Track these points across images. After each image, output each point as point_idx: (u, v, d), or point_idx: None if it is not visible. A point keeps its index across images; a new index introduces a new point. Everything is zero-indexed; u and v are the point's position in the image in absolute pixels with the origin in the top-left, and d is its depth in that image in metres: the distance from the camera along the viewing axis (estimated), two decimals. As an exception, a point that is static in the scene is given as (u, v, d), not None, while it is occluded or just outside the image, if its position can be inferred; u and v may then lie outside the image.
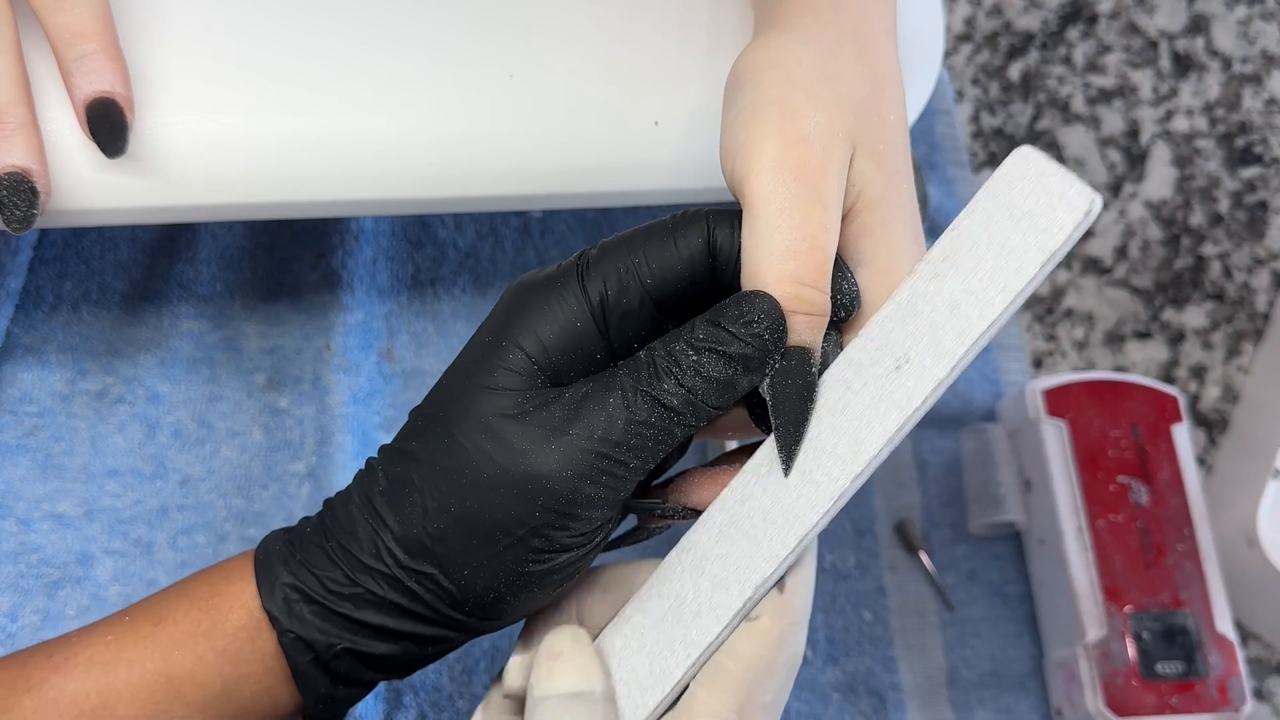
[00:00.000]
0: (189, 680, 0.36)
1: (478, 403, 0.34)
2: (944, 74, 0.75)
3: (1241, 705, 0.56)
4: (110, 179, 0.43)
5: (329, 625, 0.36)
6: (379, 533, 0.35)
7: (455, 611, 0.35)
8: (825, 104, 0.36)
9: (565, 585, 0.36)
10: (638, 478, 0.34)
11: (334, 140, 0.45)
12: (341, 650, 0.36)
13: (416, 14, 0.47)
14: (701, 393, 0.34)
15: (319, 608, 0.36)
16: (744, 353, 0.34)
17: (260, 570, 0.37)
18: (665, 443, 0.34)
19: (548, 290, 0.35)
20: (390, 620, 0.36)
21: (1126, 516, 0.59)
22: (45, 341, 0.54)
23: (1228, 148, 0.78)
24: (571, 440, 0.33)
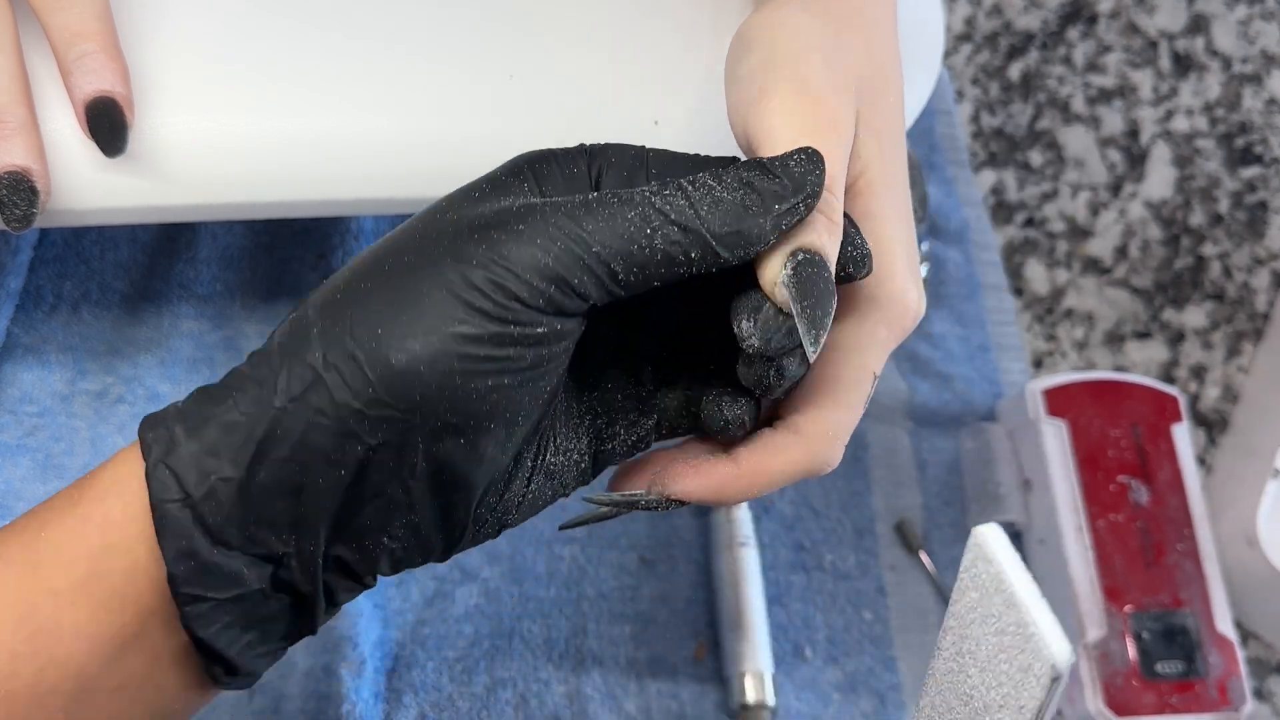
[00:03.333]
0: (54, 563, 0.31)
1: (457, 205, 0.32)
2: (944, 74, 0.75)
3: (1241, 705, 0.56)
4: (110, 178, 0.43)
5: (204, 448, 0.30)
6: (298, 319, 0.31)
7: (355, 398, 0.30)
8: (835, 69, 0.36)
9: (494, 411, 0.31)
10: (599, 284, 0.31)
11: (334, 140, 0.45)
12: (216, 483, 0.30)
13: (416, 14, 0.47)
14: (706, 210, 0.31)
15: (200, 425, 0.31)
16: (772, 187, 0.31)
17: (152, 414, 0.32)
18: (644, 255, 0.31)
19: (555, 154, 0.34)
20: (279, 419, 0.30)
21: (1126, 516, 0.59)
22: (45, 341, 0.54)
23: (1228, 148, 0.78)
24: (545, 212, 0.31)
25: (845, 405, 0.36)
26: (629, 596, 0.56)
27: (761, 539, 0.58)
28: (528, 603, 0.55)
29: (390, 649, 0.52)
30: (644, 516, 0.57)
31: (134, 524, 0.31)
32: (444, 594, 0.54)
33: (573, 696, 0.53)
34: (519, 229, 0.31)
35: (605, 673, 0.54)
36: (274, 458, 0.31)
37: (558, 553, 0.56)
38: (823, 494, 0.60)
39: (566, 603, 0.55)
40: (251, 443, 0.30)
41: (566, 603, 0.55)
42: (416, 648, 0.53)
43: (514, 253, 0.30)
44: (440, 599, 0.54)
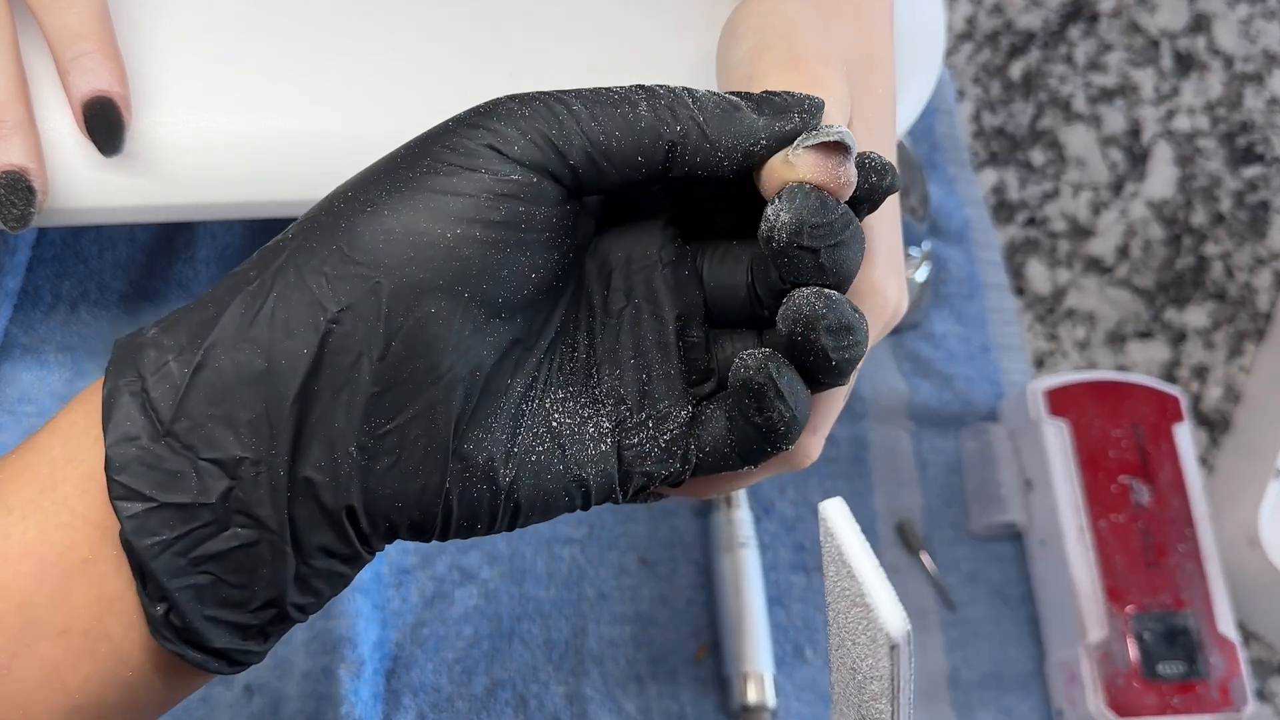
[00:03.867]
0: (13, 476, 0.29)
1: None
2: (945, 73, 0.75)
3: (1243, 706, 0.56)
4: (108, 178, 0.43)
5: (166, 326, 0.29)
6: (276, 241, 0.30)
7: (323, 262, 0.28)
8: (824, 48, 0.36)
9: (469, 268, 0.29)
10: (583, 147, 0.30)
11: (333, 140, 0.45)
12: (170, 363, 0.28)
13: (416, 13, 0.47)
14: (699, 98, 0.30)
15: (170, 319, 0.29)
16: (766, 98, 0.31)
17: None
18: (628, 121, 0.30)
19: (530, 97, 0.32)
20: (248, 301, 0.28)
21: (1128, 517, 0.58)
22: (43, 341, 0.54)
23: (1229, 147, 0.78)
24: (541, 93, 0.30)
25: (823, 399, 0.35)
26: (629, 597, 0.56)
27: (762, 540, 0.58)
28: (527, 603, 0.54)
29: (389, 650, 0.52)
30: (644, 517, 0.57)
31: (95, 428, 0.29)
32: (443, 595, 0.54)
33: (572, 697, 0.53)
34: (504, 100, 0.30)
35: (605, 673, 0.54)
36: (233, 339, 0.28)
37: (557, 553, 0.56)
38: (823, 494, 0.60)
39: (566, 603, 0.55)
40: (212, 322, 0.29)
41: (566, 603, 0.55)
42: (416, 649, 0.52)
43: (497, 113, 0.30)
44: (439, 600, 0.54)
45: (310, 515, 0.29)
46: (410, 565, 0.54)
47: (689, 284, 0.34)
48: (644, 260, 0.34)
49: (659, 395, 0.33)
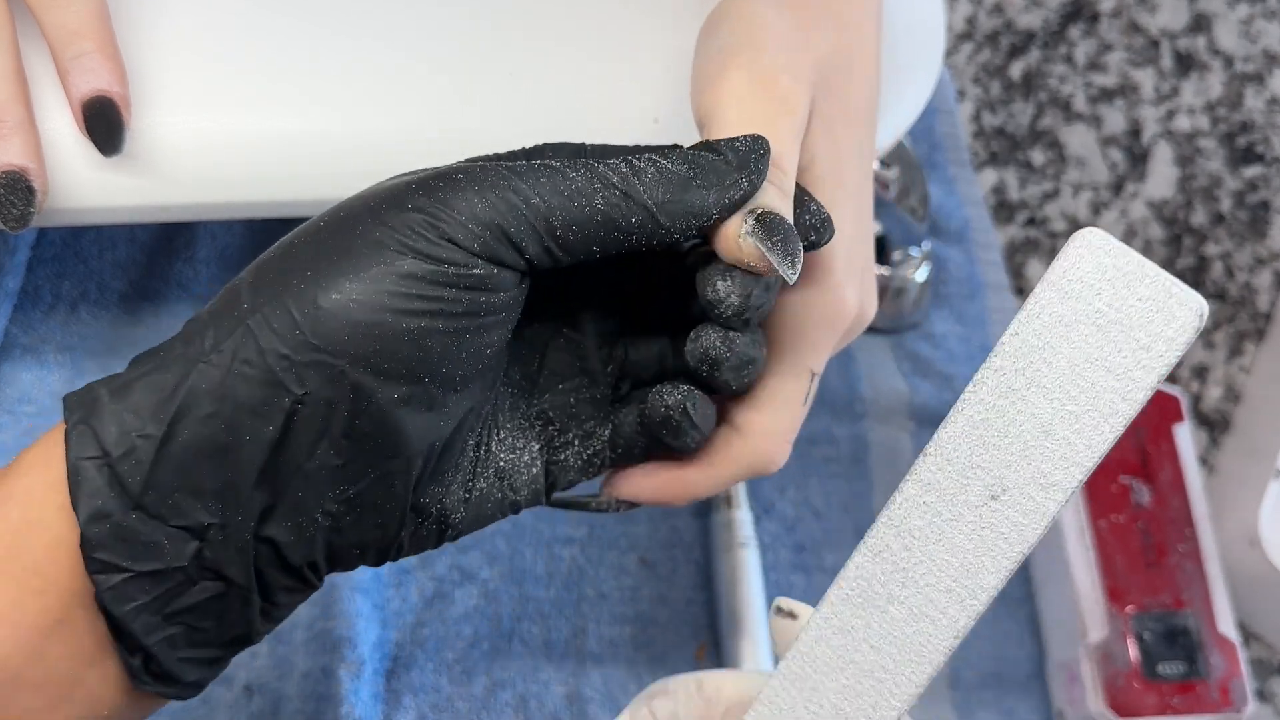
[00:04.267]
0: None
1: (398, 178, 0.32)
2: (945, 73, 0.75)
3: (1243, 706, 0.56)
4: (108, 178, 0.43)
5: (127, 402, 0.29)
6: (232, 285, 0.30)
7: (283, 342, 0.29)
8: (794, 52, 0.36)
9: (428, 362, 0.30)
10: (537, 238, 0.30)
11: (333, 139, 0.45)
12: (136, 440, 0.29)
13: (416, 13, 0.47)
14: (649, 179, 0.31)
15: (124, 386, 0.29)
16: (714, 163, 0.32)
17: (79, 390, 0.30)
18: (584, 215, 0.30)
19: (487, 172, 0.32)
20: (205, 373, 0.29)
21: (1128, 517, 0.58)
22: (43, 341, 0.54)
23: (1230, 147, 0.78)
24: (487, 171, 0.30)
25: (784, 403, 0.36)
26: (629, 597, 0.56)
27: (762, 540, 0.58)
28: (527, 603, 0.54)
29: (389, 650, 0.52)
30: (644, 517, 0.57)
31: (56, 495, 0.29)
32: (443, 595, 0.54)
33: (572, 697, 0.53)
34: (458, 178, 0.30)
35: (605, 674, 0.54)
36: (197, 414, 0.29)
37: (557, 553, 0.56)
38: (824, 495, 0.60)
39: (566, 604, 0.55)
40: (175, 398, 0.29)
41: (566, 604, 0.55)
42: (415, 649, 0.52)
43: (452, 199, 0.30)
44: (439, 600, 0.54)
45: (275, 569, 0.31)
46: (410, 565, 0.54)
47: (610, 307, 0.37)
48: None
49: (585, 415, 0.37)
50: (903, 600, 0.31)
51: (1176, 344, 0.28)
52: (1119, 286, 0.28)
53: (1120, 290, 0.28)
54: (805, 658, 0.32)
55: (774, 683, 0.33)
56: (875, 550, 0.31)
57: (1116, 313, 0.28)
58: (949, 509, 0.31)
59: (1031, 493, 0.30)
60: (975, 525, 0.30)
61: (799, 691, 0.32)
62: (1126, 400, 0.28)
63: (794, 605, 0.34)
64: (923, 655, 0.31)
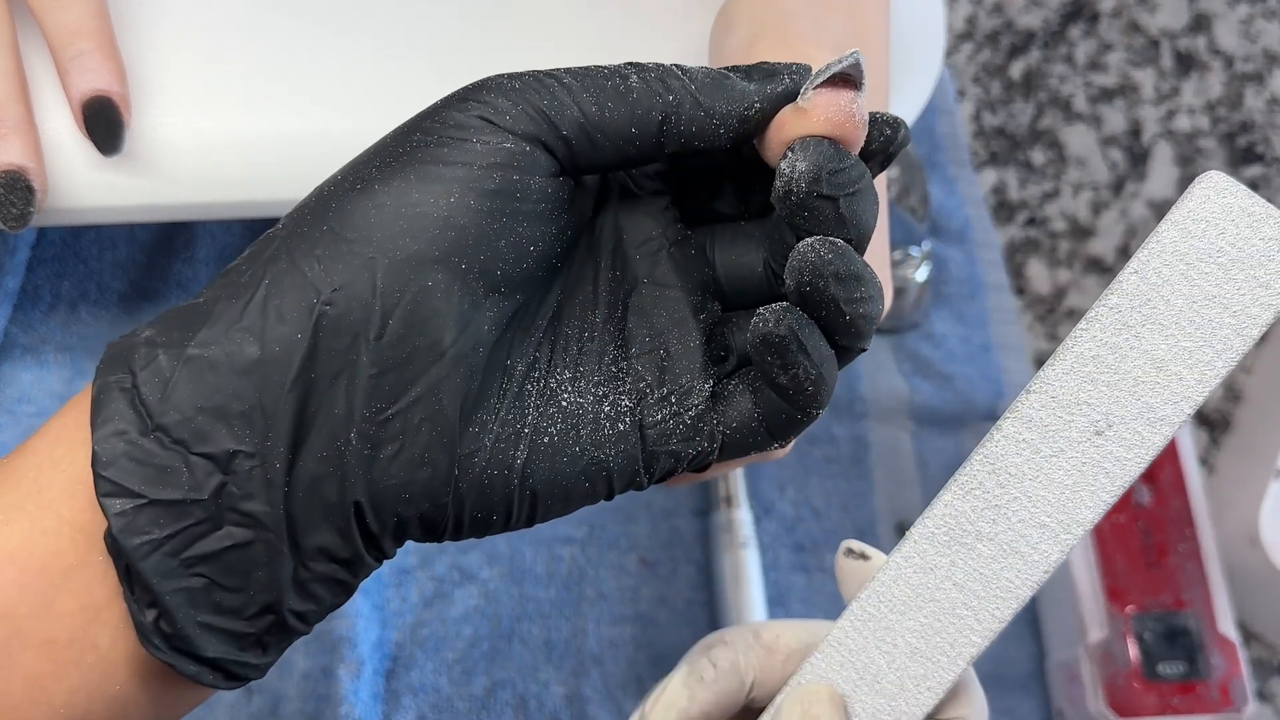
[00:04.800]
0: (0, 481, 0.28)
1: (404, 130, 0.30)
2: (945, 73, 0.75)
3: (1243, 706, 0.55)
4: (107, 177, 0.43)
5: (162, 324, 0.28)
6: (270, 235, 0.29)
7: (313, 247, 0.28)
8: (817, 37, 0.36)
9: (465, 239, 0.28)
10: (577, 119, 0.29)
11: (333, 139, 0.45)
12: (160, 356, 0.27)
13: (415, 13, 0.47)
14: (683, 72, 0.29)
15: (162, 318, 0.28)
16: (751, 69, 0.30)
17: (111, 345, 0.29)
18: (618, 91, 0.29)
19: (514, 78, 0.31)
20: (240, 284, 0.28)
21: (1128, 517, 0.58)
22: (43, 341, 0.54)
23: (1230, 147, 0.78)
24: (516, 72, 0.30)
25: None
26: (629, 597, 0.56)
27: (762, 540, 0.58)
28: (527, 603, 0.54)
29: (389, 650, 0.52)
30: (644, 517, 0.57)
31: (82, 431, 0.28)
32: (443, 595, 0.54)
33: (572, 697, 0.53)
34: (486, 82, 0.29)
35: (605, 673, 0.54)
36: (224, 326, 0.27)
37: (557, 553, 0.56)
38: (824, 495, 0.60)
39: (566, 603, 0.55)
40: (204, 315, 0.28)
41: (566, 603, 0.55)
42: (415, 649, 0.52)
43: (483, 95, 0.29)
44: (439, 600, 0.54)
45: (310, 512, 0.28)
46: (410, 565, 0.54)
47: (697, 263, 0.33)
48: (647, 241, 0.33)
49: (680, 370, 0.31)
50: (992, 537, 0.31)
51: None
52: (1243, 226, 0.29)
53: (1244, 230, 0.29)
54: (881, 597, 0.32)
55: (844, 623, 0.32)
56: (967, 488, 0.31)
57: (1239, 251, 0.29)
58: (1050, 445, 0.31)
59: (1138, 427, 0.30)
60: (1076, 461, 0.30)
61: (871, 632, 0.32)
62: (1242, 336, 0.29)
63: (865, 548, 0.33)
64: (1010, 590, 0.31)
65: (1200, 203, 0.29)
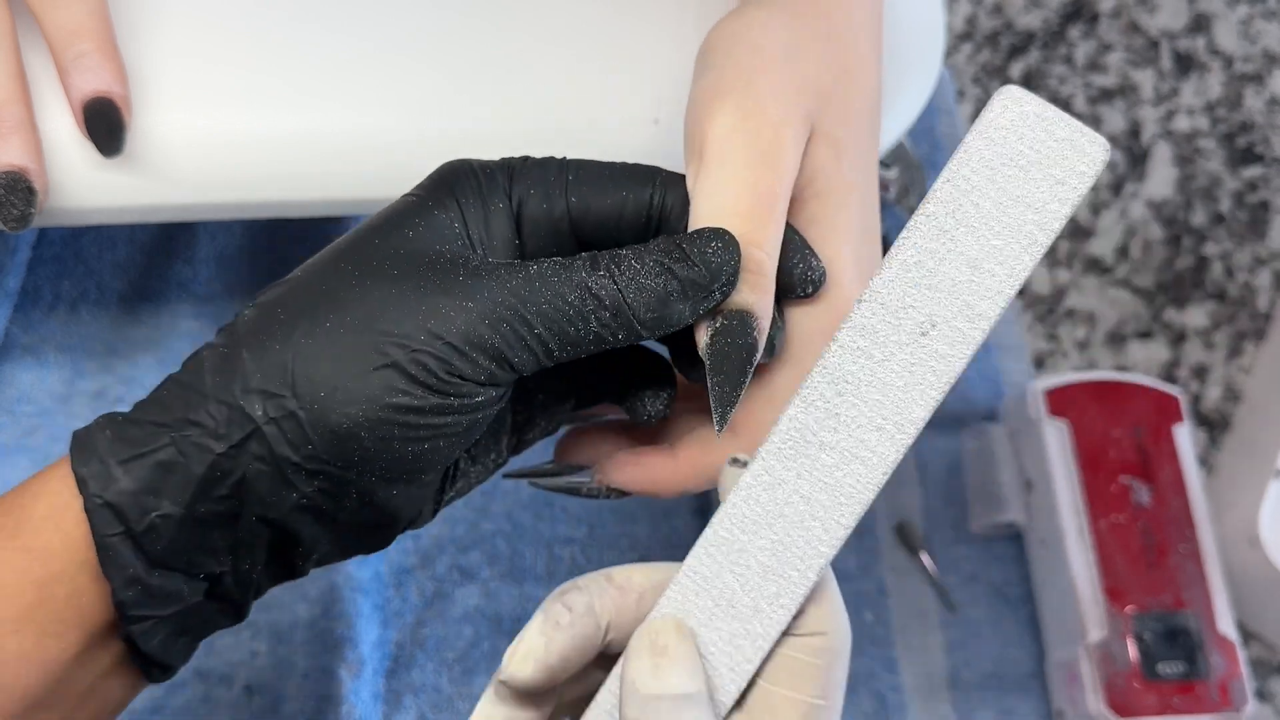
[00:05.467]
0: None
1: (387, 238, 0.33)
2: (945, 73, 0.75)
3: (1243, 706, 0.56)
4: (108, 178, 0.43)
5: (145, 485, 0.31)
6: (231, 359, 0.32)
7: (296, 454, 0.31)
8: (787, 81, 0.36)
9: (429, 464, 0.33)
10: (536, 360, 0.32)
11: (333, 140, 0.45)
12: (156, 519, 0.31)
13: (415, 12, 0.47)
14: (633, 297, 0.32)
15: (136, 462, 0.31)
16: (688, 274, 0.33)
17: (77, 438, 0.32)
18: (579, 335, 0.32)
19: (477, 171, 0.34)
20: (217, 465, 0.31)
21: (1128, 517, 0.58)
22: (43, 341, 0.54)
23: (1229, 147, 0.78)
24: (483, 283, 0.32)
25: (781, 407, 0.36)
26: (629, 597, 0.56)
27: (762, 539, 0.58)
28: (527, 603, 0.54)
29: (389, 650, 0.52)
30: (644, 517, 0.57)
31: (74, 553, 0.32)
32: (443, 595, 0.54)
33: (572, 697, 0.53)
34: (465, 303, 0.31)
35: (605, 674, 0.54)
36: (213, 496, 0.31)
37: (557, 553, 0.56)
38: (823, 494, 0.60)
39: (566, 603, 0.55)
40: (191, 483, 0.31)
41: (566, 603, 0.55)
42: (416, 649, 0.52)
43: (459, 326, 0.31)
44: (440, 600, 0.54)
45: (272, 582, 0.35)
46: (410, 565, 0.54)
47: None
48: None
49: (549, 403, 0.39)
50: (834, 445, 0.32)
51: (1087, 177, 0.31)
52: (1038, 130, 0.31)
53: (1039, 133, 0.31)
54: (733, 519, 0.33)
55: (698, 551, 0.33)
56: (809, 400, 0.32)
57: (1036, 154, 0.31)
58: (881, 350, 0.32)
59: (959, 324, 0.32)
60: (906, 362, 0.32)
61: (724, 555, 0.33)
62: (1044, 230, 0.31)
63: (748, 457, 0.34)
64: (853, 496, 0.32)
65: (1000, 112, 0.32)
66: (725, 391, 0.34)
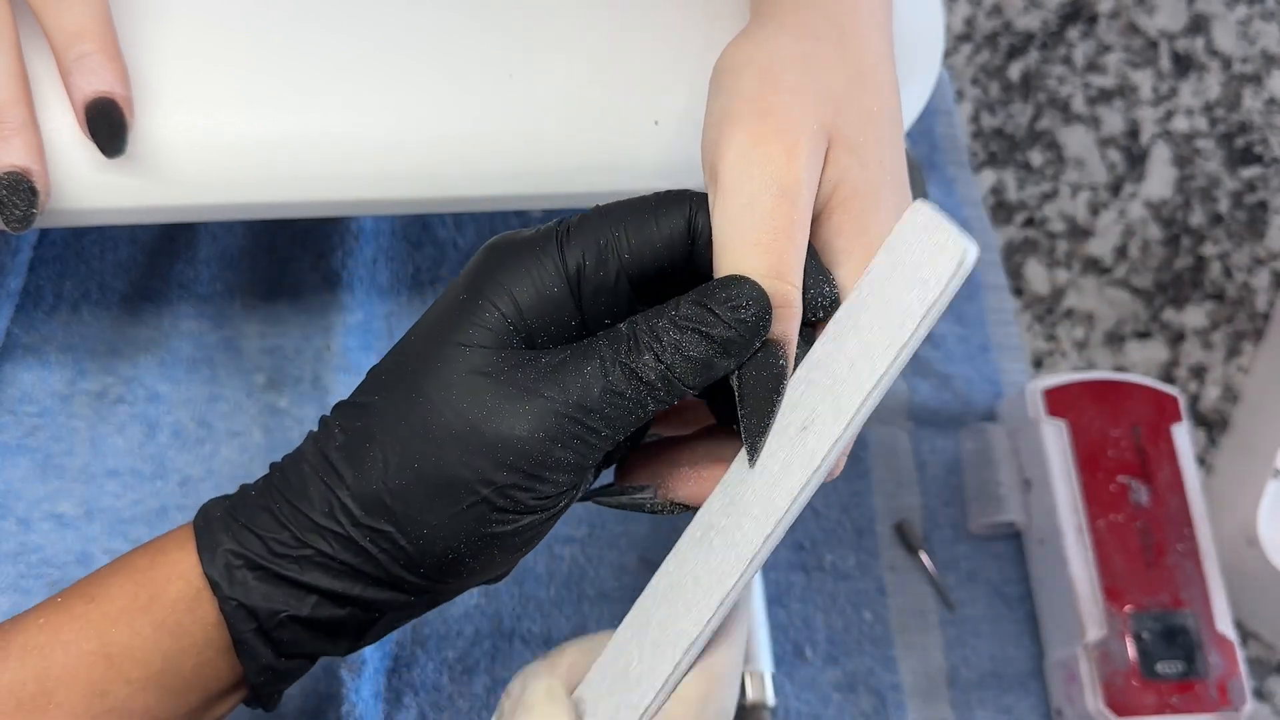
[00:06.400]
0: (128, 658, 0.34)
1: (449, 357, 0.34)
2: (944, 74, 0.75)
3: (1241, 705, 0.56)
4: (109, 179, 0.43)
5: (273, 590, 0.35)
6: (334, 489, 0.34)
7: (409, 574, 0.34)
8: (800, 97, 0.37)
9: (524, 550, 0.36)
10: (607, 447, 0.34)
11: (334, 140, 0.45)
12: (285, 618, 0.35)
13: (416, 14, 0.47)
14: (680, 370, 0.33)
15: (263, 572, 0.35)
16: (727, 336, 0.33)
17: (201, 536, 0.35)
18: (638, 415, 0.34)
19: (525, 252, 0.35)
20: (339, 584, 0.35)
21: (1127, 516, 0.59)
22: (45, 341, 0.54)
23: (1228, 147, 0.78)
24: (545, 403, 0.33)
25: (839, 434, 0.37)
26: (629, 596, 0.56)
27: (761, 539, 0.58)
28: (528, 603, 0.55)
29: (390, 649, 0.52)
30: (645, 517, 0.57)
31: (205, 633, 0.35)
32: (444, 594, 0.54)
33: (573, 696, 0.53)
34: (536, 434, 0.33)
35: (605, 673, 0.54)
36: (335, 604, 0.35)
37: (558, 553, 0.56)
38: (823, 494, 0.60)
39: (566, 603, 0.55)
40: (312, 594, 0.35)
41: (566, 603, 0.55)
42: (416, 648, 0.53)
43: (535, 454, 0.33)
44: (440, 599, 0.54)
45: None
46: (411, 565, 0.54)
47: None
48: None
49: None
50: (722, 529, 0.34)
51: (947, 278, 0.32)
52: (921, 236, 0.33)
53: (922, 239, 0.33)
54: (650, 593, 0.35)
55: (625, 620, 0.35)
56: (724, 484, 0.35)
57: (914, 258, 0.33)
58: (773, 442, 0.34)
59: (828, 420, 0.33)
60: (784, 456, 0.34)
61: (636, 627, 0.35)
62: (902, 329, 0.32)
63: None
64: (721, 582, 0.34)
65: (901, 224, 0.34)
66: (754, 423, 0.35)
